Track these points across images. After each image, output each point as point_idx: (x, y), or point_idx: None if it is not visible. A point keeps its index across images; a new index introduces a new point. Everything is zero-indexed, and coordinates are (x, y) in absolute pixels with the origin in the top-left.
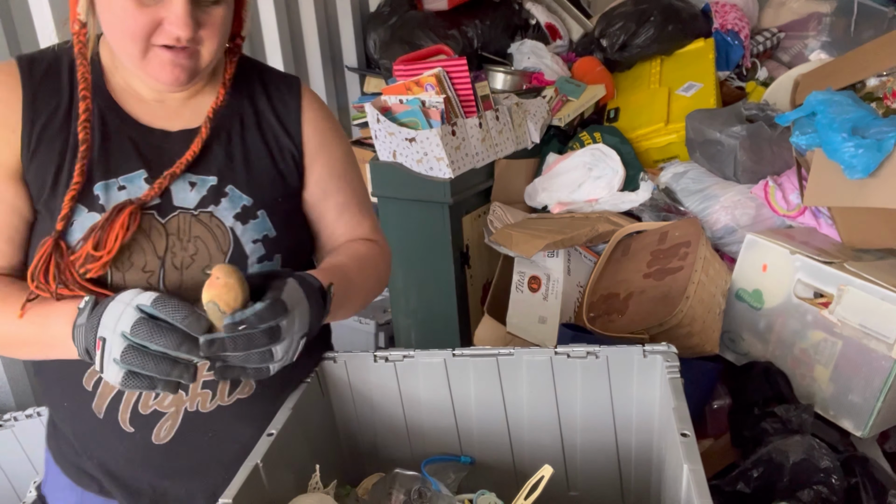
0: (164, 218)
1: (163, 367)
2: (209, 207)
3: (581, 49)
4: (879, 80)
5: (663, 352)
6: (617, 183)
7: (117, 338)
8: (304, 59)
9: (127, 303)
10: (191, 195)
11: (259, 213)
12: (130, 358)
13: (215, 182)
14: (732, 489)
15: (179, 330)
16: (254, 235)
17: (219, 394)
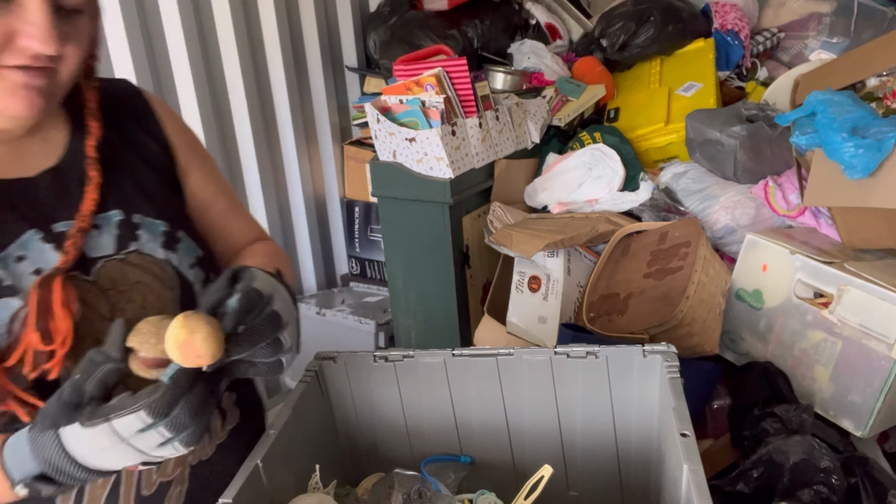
0: (88, 274)
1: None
2: (131, 246)
3: (581, 49)
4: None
5: (663, 352)
6: (617, 183)
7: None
8: (304, 59)
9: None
10: (103, 239)
11: (179, 234)
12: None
13: (120, 216)
14: (732, 489)
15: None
16: (189, 260)
17: (213, 432)
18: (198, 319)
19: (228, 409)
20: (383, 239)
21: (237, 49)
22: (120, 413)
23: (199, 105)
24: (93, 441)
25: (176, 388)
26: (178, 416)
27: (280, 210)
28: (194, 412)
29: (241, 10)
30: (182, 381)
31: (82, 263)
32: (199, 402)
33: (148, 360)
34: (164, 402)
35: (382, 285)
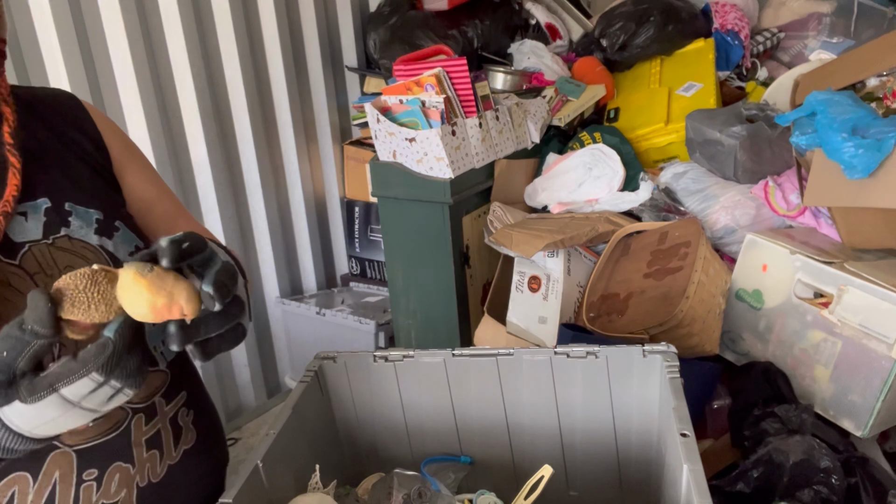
0: (14, 258)
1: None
2: (61, 231)
3: (581, 49)
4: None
5: (663, 352)
6: (617, 183)
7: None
8: (304, 59)
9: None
10: (29, 225)
11: (117, 223)
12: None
13: (49, 204)
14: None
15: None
16: (127, 248)
17: (165, 451)
18: (166, 277)
19: (185, 427)
20: (383, 239)
21: (237, 49)
22: (69, 380)
23: (199, 105)
24: (40, 414)
25: (124, 341)
26: (126, 365)
27: (280, 210)
28: (140, 356)
29: (241, 10)
30: (128, 333)
31: (6, 248)
32: (141, 343)
33: (85, 325)
34: (114, 358)
35: (382, 285)
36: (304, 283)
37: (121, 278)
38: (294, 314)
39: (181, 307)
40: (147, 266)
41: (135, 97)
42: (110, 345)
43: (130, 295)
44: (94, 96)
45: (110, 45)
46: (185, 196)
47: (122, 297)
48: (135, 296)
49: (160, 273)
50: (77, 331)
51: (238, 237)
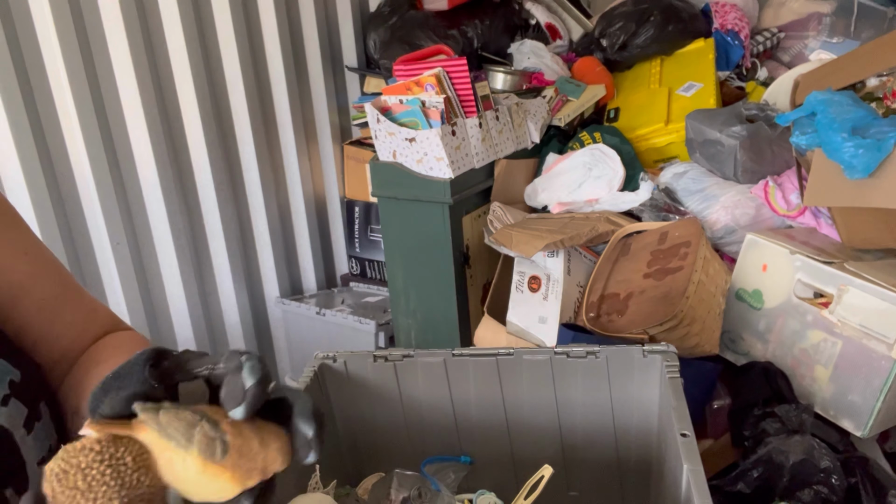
0: None
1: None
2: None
3: (581, 49)
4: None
5: (663, 352)
6: (617, 183)
7: None
8: (304, 59)
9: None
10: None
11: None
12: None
13: None
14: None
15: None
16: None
17: None
18: (248, 441)
19: None
20: (383, 239)
21: (237, 49)
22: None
23: (199, 105)
24: None
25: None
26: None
27: (280, 210)
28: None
29: (241, 10)
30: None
31: None
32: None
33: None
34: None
35: (382, 285)
36: (303, 282)
37: (174, 465)
38: (294, 314)
39: (269, 472)
40: (205, 433)
41: (135, 97)
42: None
43: (199, 488)
44: (94, 96)
45: (110, 45)
46: (185, 196)
47: (184, 489)
48: (208, 486)
49: (239, 436)
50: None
51: (238, 237)
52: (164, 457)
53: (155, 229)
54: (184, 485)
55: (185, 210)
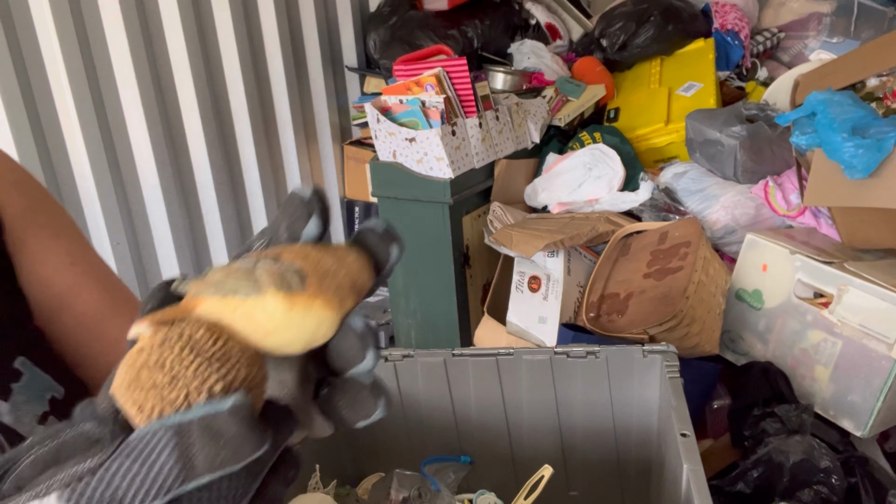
0: None
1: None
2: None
3: (581, 49)
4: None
5: (663, 352)
6: (617, 183)
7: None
8: (304, 59)
9: None
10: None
11: (18, 362)
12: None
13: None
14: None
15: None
16: (32, 409)
17: None
18: (322, 261)
19: None
20: None
21: (237, 49)
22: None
23: (199, 105)
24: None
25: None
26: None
27: None
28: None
29: (241, 10)
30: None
31: None
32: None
33: None
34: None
35: (382, 285)
36: None
37: (254, 319)
38: None
39: (360, 289)
40: (270, 269)
41: (135, 97)
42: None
43: (294, 332)
44: (94, 97)
45: (110, 45)
46: (186, 196)
47: (278, 342)
48: (303, 325)
49: (306, 259)
50: None
51: (238, 237)
52: (238, 316)
53: (155, 229)
54: (276, 337)
55: (185, 210)
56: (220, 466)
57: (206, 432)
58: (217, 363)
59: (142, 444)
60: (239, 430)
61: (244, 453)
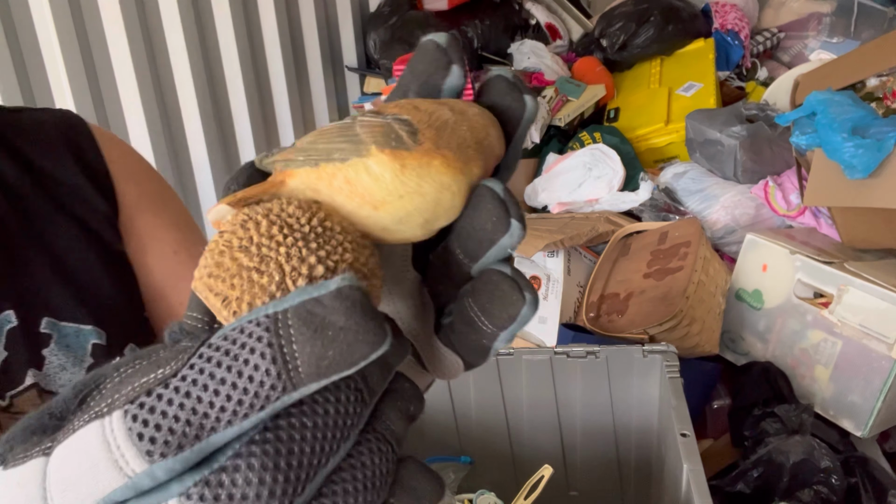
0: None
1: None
2: (27, 378)
3: (581, 49)
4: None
5: (663, 352)
6: (617, 183)
7: None
8: (304, 59)
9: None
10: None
11: (128, 350)
12: None
13: (14, 322)
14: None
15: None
16: None
17: None
18: (446, 118)
19: None
20: None
21: (237, 49)
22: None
23: (199, 105)
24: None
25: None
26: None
27: None
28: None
29: (241, 10)
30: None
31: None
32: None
33: None
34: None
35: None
36: None
37: (358, 186)
38: None
39: (487, 152)
40: (370, 124)
41: (135, 97)
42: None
43: (409, 201)
44: (94, 97)
45: (110, 45)
46: (186, 196)
47: (391, 213)
48: (420, 190)
49: (416, 110)
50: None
51: None
52: (337, 187)
53: None
54: (387, 210)
55: None
56: (328, 369)
57: (308, 324)
58: (314, 243)
59: (227, 343)
60: (351, 320)
61: (359, 351)
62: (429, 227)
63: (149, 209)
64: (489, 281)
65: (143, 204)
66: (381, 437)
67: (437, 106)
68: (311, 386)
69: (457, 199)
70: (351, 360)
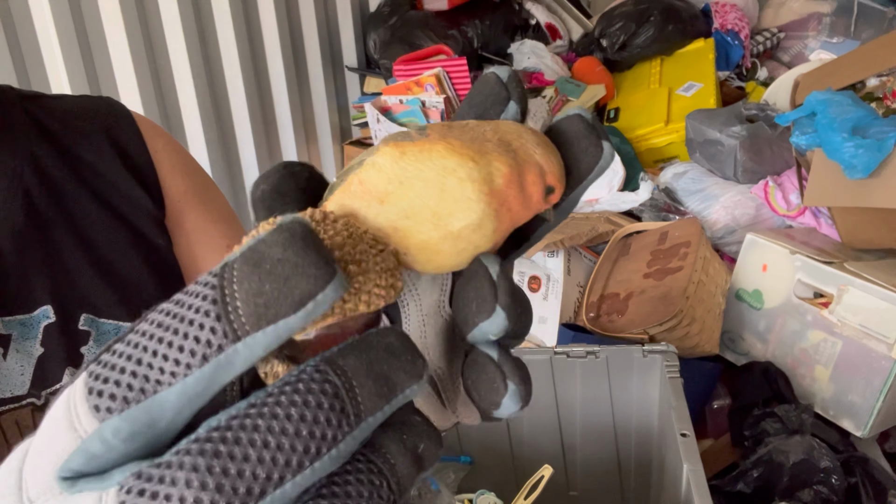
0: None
1: None
2: (64, 377)
3: (581, 49)
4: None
5: (663, 352)
6: (617, 183)
7: None
8: (304, 59)
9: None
10: (8, 366)
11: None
12: None
13: (52, 318)
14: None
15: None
16: None
17: None
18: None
19: None
20: None
21: (237, 49)
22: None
23: (199, 105)
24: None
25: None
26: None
27: None
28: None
29: (241, 10)
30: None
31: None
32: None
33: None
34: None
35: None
36: None
37: (371, 187)
38: None
39: (512, 144)
40: (389, 138)
41: (135, 97)
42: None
43: (414, 192)
44: None
45: (110, 45)
46: None
47: (402, 208)
48: (424, 178)
49: (439, 125)
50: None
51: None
52: (354, 191)
53: None
54: (392, 201)
55: None
56: (266, 309)
57: (248, 261)
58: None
59: (183, 295)
60: (289, 251)
61: (299, 285)
62: (443, 225)
63: (197, 203)
64: (476, 360)
65: (190, 198)
66: (373, 469)
67: (476, 122)
68: (255, 336)
69: (467, 188)
70: (291, 298)
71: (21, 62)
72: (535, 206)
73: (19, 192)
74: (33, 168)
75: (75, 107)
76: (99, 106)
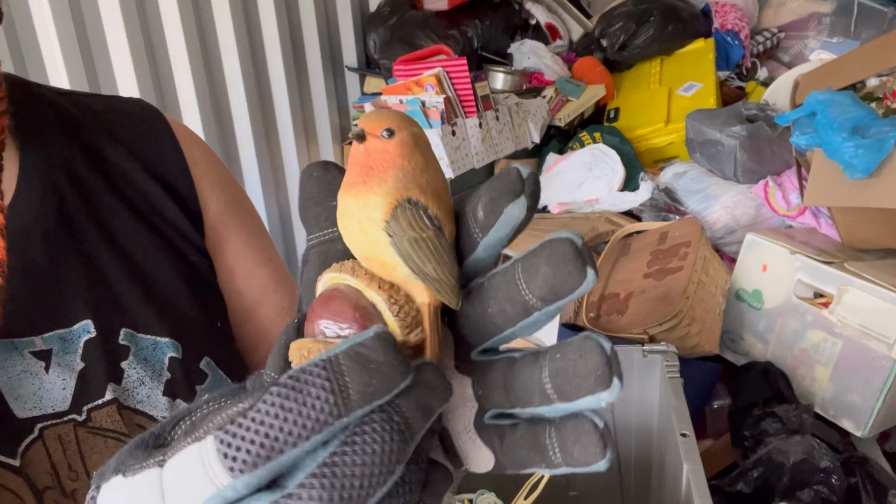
0: (12, 455)
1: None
2: (108, 392)
3: (581, 49)
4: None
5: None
6: (617, 183)
7: None
8: (304, 59)
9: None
10: (51, 381)
11: (203, 364)
12: None
13: (93, 333)
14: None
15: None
16: None
17: None
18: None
19: None
20: None
21: (237, 49)
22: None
23: (199, 105)
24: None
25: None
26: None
27: (280, 210)
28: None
29: (241, 10)
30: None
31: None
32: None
33: None
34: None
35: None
36: None
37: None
38: None
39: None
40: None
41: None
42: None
43: (343, 229)
44: None
45: (110, 46)
46: None
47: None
48: (344, 218)
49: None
50: None
51: None
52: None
53: None
54: (344, 235)
55: None
56: (372, 395)
57: (356, 361)
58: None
59: (293, 381)
60: (389, 357)
61: (394, 380)
62: (363, 235)
63: (236, 219)
64: (578, 426)
65: (230, 212)
66: (387, 418)
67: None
68: (358, 412)
69: (377, 210)
70: (388, 388)
71: (21, 62)
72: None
73: (54, 201)
74: (67, 174)
75: (107, 108)
76: (133, 109)
